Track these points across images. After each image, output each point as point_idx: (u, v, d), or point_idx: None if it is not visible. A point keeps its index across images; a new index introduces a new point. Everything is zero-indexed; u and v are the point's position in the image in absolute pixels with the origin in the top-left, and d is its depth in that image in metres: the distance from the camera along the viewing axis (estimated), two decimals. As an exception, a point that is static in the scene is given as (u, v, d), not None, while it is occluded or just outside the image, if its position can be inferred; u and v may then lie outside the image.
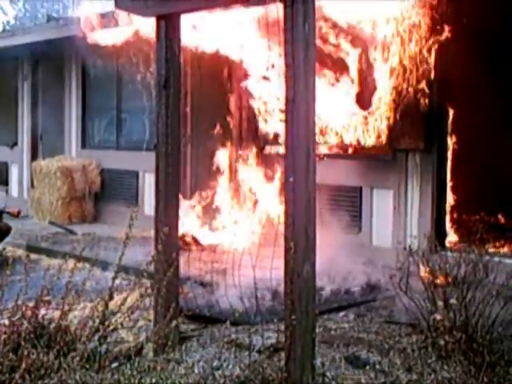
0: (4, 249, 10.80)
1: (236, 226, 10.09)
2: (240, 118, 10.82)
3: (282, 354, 4.97)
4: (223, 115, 10.90)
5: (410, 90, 8.13)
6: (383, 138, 8.40)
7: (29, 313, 5.17)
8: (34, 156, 15.60)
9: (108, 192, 13.70)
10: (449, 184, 8.65)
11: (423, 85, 8.11)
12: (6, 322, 5.48)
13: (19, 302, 5.29)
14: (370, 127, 8.45)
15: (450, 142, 8.60)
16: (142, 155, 12.80)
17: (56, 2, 52.70)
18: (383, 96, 8.33)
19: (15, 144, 16.31)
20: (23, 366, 4.54)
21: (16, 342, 4.85)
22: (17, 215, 10.93)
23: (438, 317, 5.54)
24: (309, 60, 4.81)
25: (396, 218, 8.68)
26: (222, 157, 10.90)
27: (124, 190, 13.35)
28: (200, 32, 8.35)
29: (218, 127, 10.84)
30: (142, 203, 12.56)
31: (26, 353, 4.69)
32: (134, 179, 13.11)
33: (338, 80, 8.63)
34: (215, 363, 5.22)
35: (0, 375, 4.57)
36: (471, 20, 7.97)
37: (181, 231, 6.55)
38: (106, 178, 13.76)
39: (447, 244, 8.34)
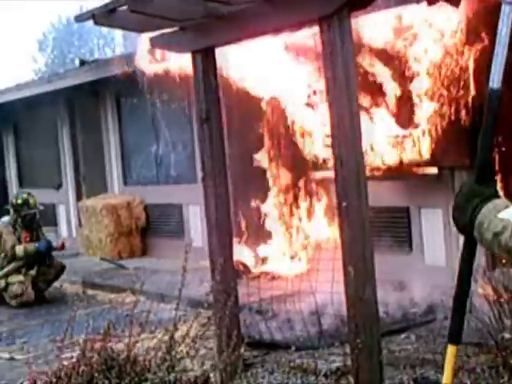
0: (61, 286, 11.10)
1: (285, 252, 10.18)
2: (279, 145, 10.89)
3: (350, 378, 5.00)
4: (262, 143, 10.99)
5: (453, 105, 8.04)
6: (427, 157, 8.37)
7: (98, 345, 5.32)
8: (78, 196, 15.85)
9: (154, 226, 13.85)
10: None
11: (466, 100, 8.01)
12: (75, 354, 5.66)
13: (87, 336, 5.46)
14: (413, 146, 8.43)
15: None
16: (183, 188, 12.98)
17: (82, 46, 53.48)
18: (425, 113, 8.28)
19: (60, 185, 16.59)
20: (99, 397, 4.70)
21: (89, 374, 5.00)
22: (61, 248, 10.96)
23: (507, 335, 5.37)
24: (350, 83, 4.87)
25: (447, 236, 8.66)
26: (265, 185, 10.98)
27: (169, 224, 13.48)
28: (233, 62, 8.46)
29: (258, 154, 10.95)
30: (188, 235, 12.68)
31: None
32: (177, 212, 13.24)
33: (376, 100, 8.65)
34: (283, 389, 5.30)
35: (78, 405, 4.73)
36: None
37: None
38: (150, 212, 13.89)
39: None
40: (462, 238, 2.45)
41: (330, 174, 7.82)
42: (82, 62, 15.59)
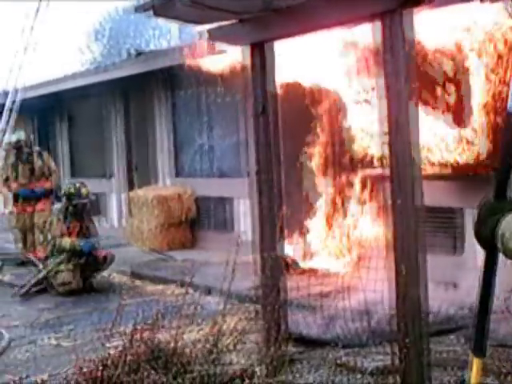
0: (109, 275, 11.17)
1: (334, 249, 10.14)
2: (332, 141, 10.84)
3: (396, 377, 4.97)
4: (313, 139, 10.95)
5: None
6: (483, 157, 8.28)
7: (145, 336, 5.34)
8: (130, 186, 15.97)
9: (203, 218, 13.88)
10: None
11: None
12: (121, 344, 5.70)
13: (135, 326, 5.49)
14: (469, 146, 8.33)
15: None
16: (234, 182, 12.99)
17: (138, 37, 53.83)
18: (480, 113, 8.19)
19: (112, 175, 16.74)
20: (145, 386, 4.72)
21: (136, 364, 5.03)
22: (103, 259, 10.73)
23: None
24: (409, 79, 4.82)
25: (500, 238, 8.43)
26: (315, 181, 10.95)
27: (219, 217, 13.51)
28: (289, 57, 8.43)
29: (308, 150, 10.92)
30: (238, 229, 12.70)
31: (145, 374, 4.87)
32: (228, 205, 13.26)
33: (433, 98, 8.56)
34: (329, 386, 5.28)
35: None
36: None
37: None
38: (200, 204, 13.94)
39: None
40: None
41: (383, 171, 7.78)
42: (138, 53, 15.67)
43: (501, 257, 2.50)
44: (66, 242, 10.45)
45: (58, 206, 11.09)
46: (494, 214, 2.42)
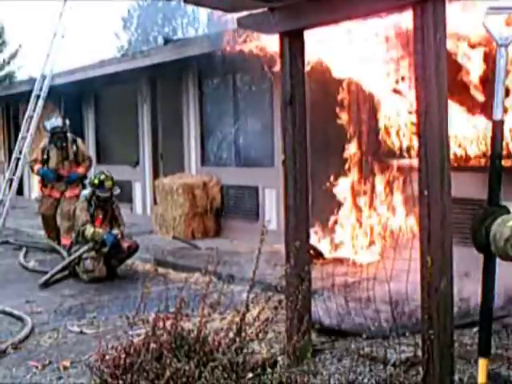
0: (133, 263, 11.19)
1: (359, 239, 10.09)
2: (360, 131, 10.79)
3: (419, 369, 4.95)
4: (341, 129, 10.90)
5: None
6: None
7: (169, 324, 5.33)
8: (155, 174, 15.98)
9: (228, 207, 13.87)
10: None
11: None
12: (144, 331, 5.70)
13: (158, 314, 5.49)
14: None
15: None
16: (260, 171, 12.97)
17: (166, 25, 53.97)
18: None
19: (137, 163, 16.74)
20: (167, 374, 4.71)
21: (159, 352, 5.02)
22: (128, 250, 10.77)
23: None
24: (440, 71, 4.77)
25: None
26: (342, 171, 10.90)
27: (244, 206, 13.50)
28: (318, 47, 8.38)
29: (337, 140, 10.87)
30: (263, 218, 12.68)
31: (168, 361, 4.86)
32: (253, 194, 13.23)
33: (464, 89, 8.47)
34: (351, 376, 5.24)
35: (146, 382, 4.75)
36: None
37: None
38: (226, 193, 13.92)
39: None
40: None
41: (411, 162, 7.71)
42: (166, 41, 15.67)
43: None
44: (89, 230, 10.47)
45: (84, 192, 11.11)
46: (487, 217, 2.68)
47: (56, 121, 13.28)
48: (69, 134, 13.31)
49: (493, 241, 2.62)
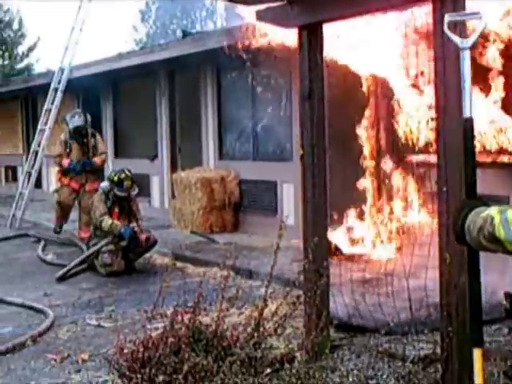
0: (151, 257, 11.21)
1: (378, 235, 10.06)
2: (377, 127, 10.76)
3: (438, 366, 4.92)
4: (359, 124, 10.86)
5: None
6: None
7: (187, 318, 5.34)
8: (173, 168, 15.96)
9: (246, 202, 13.84)
10: None
11: None
12: (161, 325, 5.71)
13: (176, 308, 5.49)
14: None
15: None
16: (279, 165, 12.95)
17: (184, 18, 53.96)
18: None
19: (155, 156, 16.72)
20: (185, 368, 4.72)
21: (177, 346, 5.03)
22: (146, 242, 10.73)
23: None
24: (460, 65, 4.74)
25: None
26: (360, 167, 10.88)
27: (262, 200, 13.47)
28: (336, 41, 8.34)
29: (355, 135, 10.83)
30: (281, 213, 12.66)
31: (186, 356, 4.87)
32: (271, 189, 13.21)
33: (483, 84, 8.40)
34: (369, 372, 5.24)
35: (165, 376, 4.76)
36: None
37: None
38: (244, 188, 13.90)
39: None
40: None
41: (429, 158, 7.66)
42: (185, 34, 15.65)
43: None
44: (107, 222, 10.49)
45: (102, 184, 11.11)
46: (464, 210, 2.76)
47: (79, 120, 13.27)
48: (90, 129, 13.33)
49: (467, 231, 2.69)
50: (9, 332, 7.55)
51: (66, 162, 13.09)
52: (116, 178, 10.66)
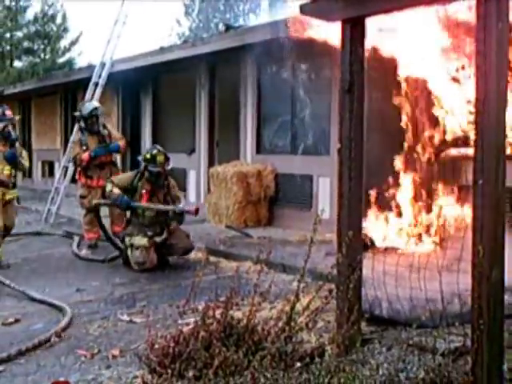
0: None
1: (413, 229, 9.99)
2: (415, 119, 10.66)
3: (468, 358, 4.89)
4: (396, 117, 10.78)
5: None
6: None
7: (218, 313, 5.35)
8: (210, 162, 15.99)
9: (282, 196, 13.82)
10: None
11: None
12: (193, 320, 5.72)
13: (208, 303, 5.51)
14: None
15: None
16: (315, 159, 12.91)
17: (227, 12, 53.98)
18: None
19: (193, 151, 16.74)
20: (216, 362, 4.73)
21: (208, 341, 5.03)
22: (195, 213, 10.83)
23: None
24: (501, 60, 4.71)
25: None
26: (395, 159, 10.80)
27: (298, 194, 13.43)
28: (376, 34, 8.29)
29: (391, 129, 10.76)
30: (316, 207, 12.63)
31: (217, 350, 4.87)
32: (307, 183, 13.18)
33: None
34: (399, 365, 5.20)
35: (195, 371, 4.76)
36: None
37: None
38: (280, 182, 13.88)
39: None
40: None
41: (467, 151, 7.58)
42: (227, 28, 15.64)
43: None
44: (107, 188, 10.69)
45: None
46: None
47: (90, 104, 13.13)
48: (101, 119, 12.79)
49: None
50: (39, 328, 7.52)
51: (85, 155, 12.40)
52: (149, 155, 10.66)
